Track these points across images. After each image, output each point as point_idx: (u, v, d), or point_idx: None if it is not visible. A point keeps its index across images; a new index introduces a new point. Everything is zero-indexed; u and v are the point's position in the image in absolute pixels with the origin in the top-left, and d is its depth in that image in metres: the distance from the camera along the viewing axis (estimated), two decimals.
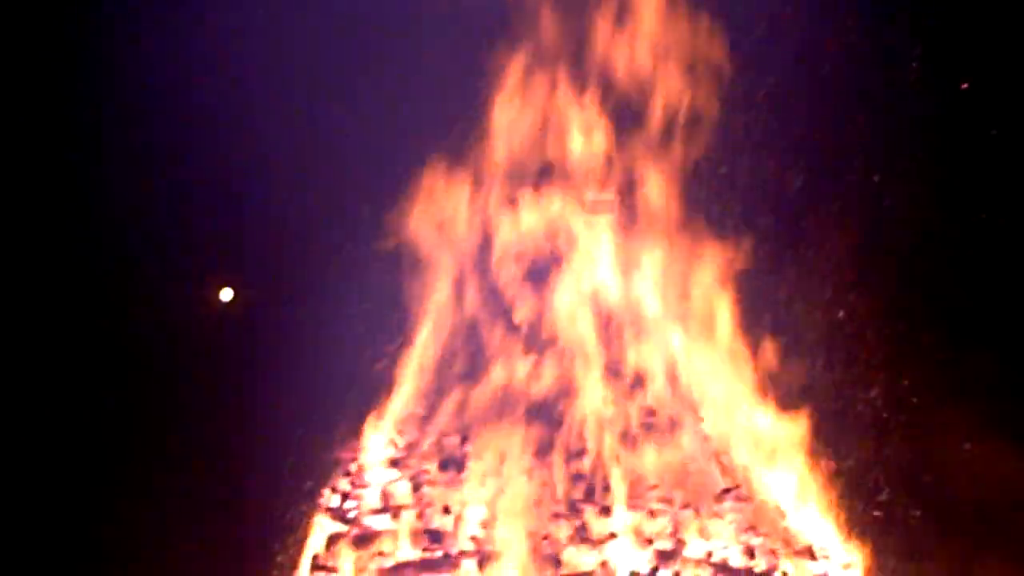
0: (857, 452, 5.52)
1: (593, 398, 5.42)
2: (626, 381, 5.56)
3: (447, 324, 5.55)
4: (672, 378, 5.56)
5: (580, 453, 5.26)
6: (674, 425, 5.36)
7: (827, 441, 5.33)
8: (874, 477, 5.53)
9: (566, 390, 5.44)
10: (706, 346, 5.56)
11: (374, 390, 5.48)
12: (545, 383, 5.41)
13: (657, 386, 5.51)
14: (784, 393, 5.35)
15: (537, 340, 5.57)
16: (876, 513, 5.38)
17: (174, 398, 5.87)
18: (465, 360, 5.50)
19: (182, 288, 6.17)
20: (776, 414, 5.41)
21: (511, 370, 5.40)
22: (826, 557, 5.11)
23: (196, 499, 5.66)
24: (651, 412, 5.41)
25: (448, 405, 5.42)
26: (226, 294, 6.19)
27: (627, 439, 5.30)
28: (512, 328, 5.50)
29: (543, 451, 5.27)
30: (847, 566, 5.13)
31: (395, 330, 5.57)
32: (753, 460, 5.30)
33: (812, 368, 5.66)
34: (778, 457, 5.32)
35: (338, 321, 5.84)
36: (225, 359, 5.88)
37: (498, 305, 5.53)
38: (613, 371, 5.56)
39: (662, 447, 5.25)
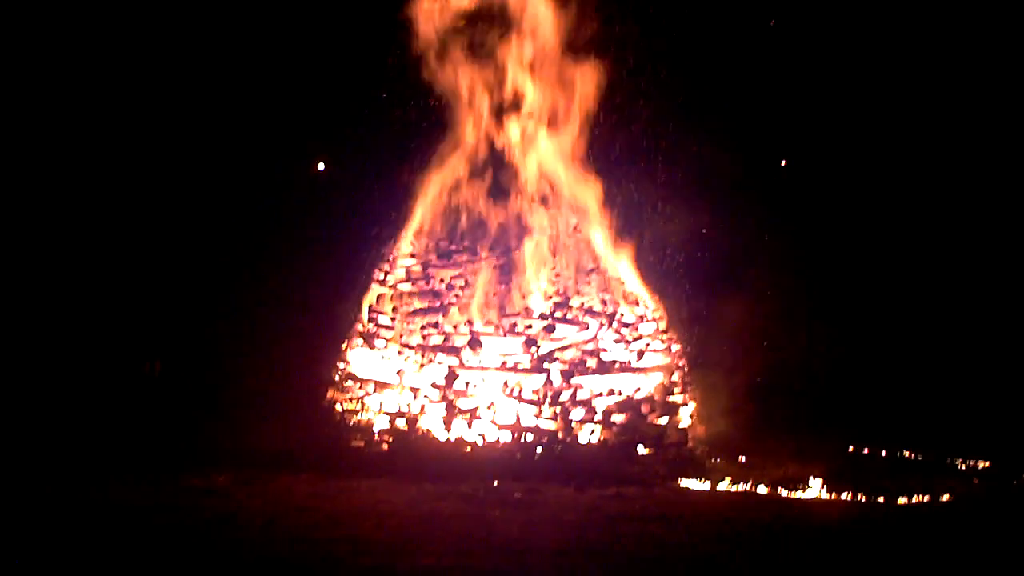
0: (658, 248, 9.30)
1: (526, 218, 9.19)
2: (547, 211, 9.30)
3: (445, 182, 9.19)
4: (569, 213, 9.29)
5: (515, 249, 9.11)
6: (567, 236, 9.21)
7: (642, 244, 9.13)
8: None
9: (511, 215, 9.19)
10: (584, 187, 9.22)
11: (401, 220, 9.23)
12: (501, 214, 9.14)
13: (560, 211, 9.29)
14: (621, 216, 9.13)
15: (501, 191, 9.26)
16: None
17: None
18: (454, 201, 9.20)
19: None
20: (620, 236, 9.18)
21: (483, 208, 9.09)
22: (646, 305, 9.09)
23: (306, 277, 9.54)
24: (552, 224, 9.21)
25: (443, 224, 9.22)
26: (320, 165, 9.88)
27: (541, 243, 9.15)
28: (485, 186, 9.12)
29: (498, 250, 9.11)
30: (655, 310, 9.12)
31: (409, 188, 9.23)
32: (605, 252, 9.16)
33: (637, 209, 9.34)
34: (619, 253, 9.17)
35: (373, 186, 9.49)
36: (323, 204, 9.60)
37: (475, 171, 9.15)
38: (541, 202, 9.28)
39: (557, 244, 9.11)
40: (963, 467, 8.29)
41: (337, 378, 8.85)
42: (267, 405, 9.08)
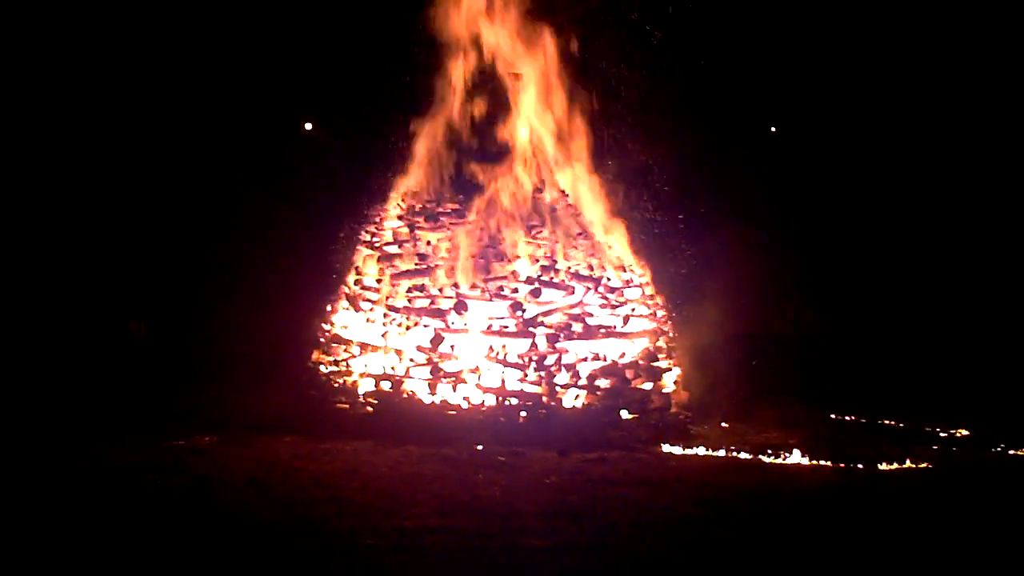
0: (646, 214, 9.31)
1: (509, 182, 9.17)
2: (532, 176, 9.27)
3: (431, 145, 9.13)
4: (558, 183, 9.27)
5: (503, 212, 9.08)
6: (556, 200, 9.20)
7: (631, 215, 9.13)
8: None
9: (500, 179, 9.16)
10: (573, 152, 9.19)
11: (388, 181, 9.19)
12: (489, 177, 9.10)
13: (548, 176, 9.26)
14: (612, 184, 9.12)
15: (488, 155, 9.22)
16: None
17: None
18: (440, 164, 9.16)
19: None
20: (607, 202, 9.17)
21: (470, 171, 9.05)
22: (632, 270, 9.10)
23: (292, 239, 9.54)
24: (540, 188, 9.20)
25: (430, 187, 9.19)
26: (307, 126, 9.83)
27: (528, 205, 9.13)
28: (473, 149, 9.08)
29: (484, 212, 9.08)
30: (641, 275, 9.13)
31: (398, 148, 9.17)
32: (595, 220, 9.15)
33: (624, 188, 9.32)
34: (606, 219, 9.16)
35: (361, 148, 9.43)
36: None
37: (463, 134, 9.09)
38: (530, 165, 9.25)
39: (546, 208, 9.10)
40: (942, 435, 8.36)
41: (322, 340, 8.84)
42: (252, 367, 9.11)
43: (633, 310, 8.78)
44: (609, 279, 8.93)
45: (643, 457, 7.36)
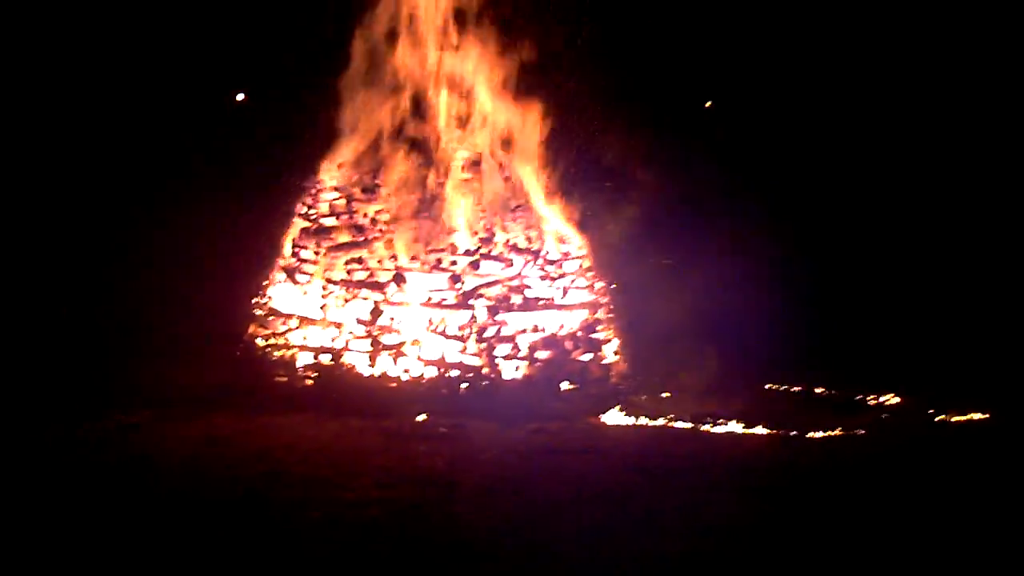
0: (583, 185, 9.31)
1: (451, 154, 9.07)
2: (472, 144, 9.18)
3: (367, 108, 8.98)
4: (494, 143, 9.19)
5: (440, 184, 9.00)
6: (492, 168, 9.13)
7: (569, 187, 9.13)
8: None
9: (437, 151, 9.06)
10: (512, 120, 9.11)
11: (325, 148, 9.04)
12: (425, 147, 8.99)
13: (486, 147, 9.18)
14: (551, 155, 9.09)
15: (424, 116, 9.10)
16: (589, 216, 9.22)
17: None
18: (377, 130, 9.02)
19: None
20: (545, 173, 9.13)
21: (408, 141, 8.93)
22: (568, 241, 9.11)
23: (227, 211, 9.35)
24: (478, 159, 9.12)
25: (366, 157, 9.05)
26: (240, 96, 9.63)
27: (467, 178, 9.05)
28: (411, 120, 8.97)
29: (419, 184, 8.99)
30: (580, 247, 9.14)
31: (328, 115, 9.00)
32: (533, 192, 9.12)
33: (569, 143, 9.29)
34: (544, 190, 9.14)
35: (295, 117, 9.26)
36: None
37: (400, 104, 8.97)
38: (468, 135, 9.15)
39: (484, 180, 9.04)
40: (875, 403, 8.56)
41: (259, 314, 8.72)
42: (187, 343, 8.92)
43: (572, 282, 8.81)
44: (548, 252, 8.93)
45: (583, 427, 7.42)
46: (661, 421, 7.62)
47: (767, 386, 9.18)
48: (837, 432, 7.28)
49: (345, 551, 4.30)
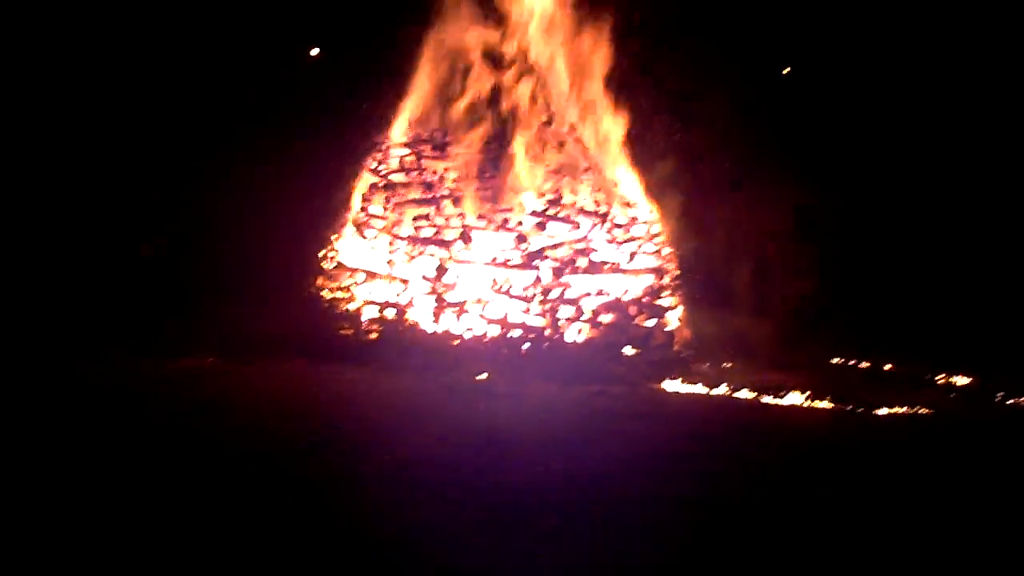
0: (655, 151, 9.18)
1: (522, 116, 9.03)
2: (541, 107, 9.13)
3: (439, 71, 8.99)
4: (567, 106, 9.12)
5: (510, 145, 8.98)
6: (564, 134, 9.08)
7: (639, 147, 9.02)
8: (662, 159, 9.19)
9: (508, 112, 9.02)
10: (585, 83, 9.05)
11: (393, 105, 9.06)
12: (496, 108, 8.96)
13: (558, 109, 9.12)
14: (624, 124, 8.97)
15: (497, 77, 9.05)
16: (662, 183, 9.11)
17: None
18: (450, 89, 9.02)
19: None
20: (617, 137, 9.04)
21: (480, 100, 8.92)
22: (636, 206, 9.03)
23: (299, 164, 9.44)
24: (550, 121, 9.06)
25: (438, 115, 9.06)
26: (314, 51, 9.66)
27: (537, 138, 9.01)
28: (480, 75, 8.94)
29: (490, 144, 8.98)
30: (649, 212, 9.06)
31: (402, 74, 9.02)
32: (602, 155, 9.05)
33: (641, 109, 9.16)
34: (615, 154, 9.06)
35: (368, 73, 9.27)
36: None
37: (472, 62, 8.93)
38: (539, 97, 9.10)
39: (553, 145, 8.99)
40: (942, 382, 8.37)
41: (326, 266, 8.82)
42: (256, 291, 9.06)
43: (639, 247, 8.74)
44: (615, 215, 8.87)
45: (644, 393, 7.39)
46: (723, 390, 7.55)
47: (833, 360, 9.03)
48: (903, 410, 7.14)
49: (402, 503, 4.35)
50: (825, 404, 7.26)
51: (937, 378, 8.46)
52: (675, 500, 4.60)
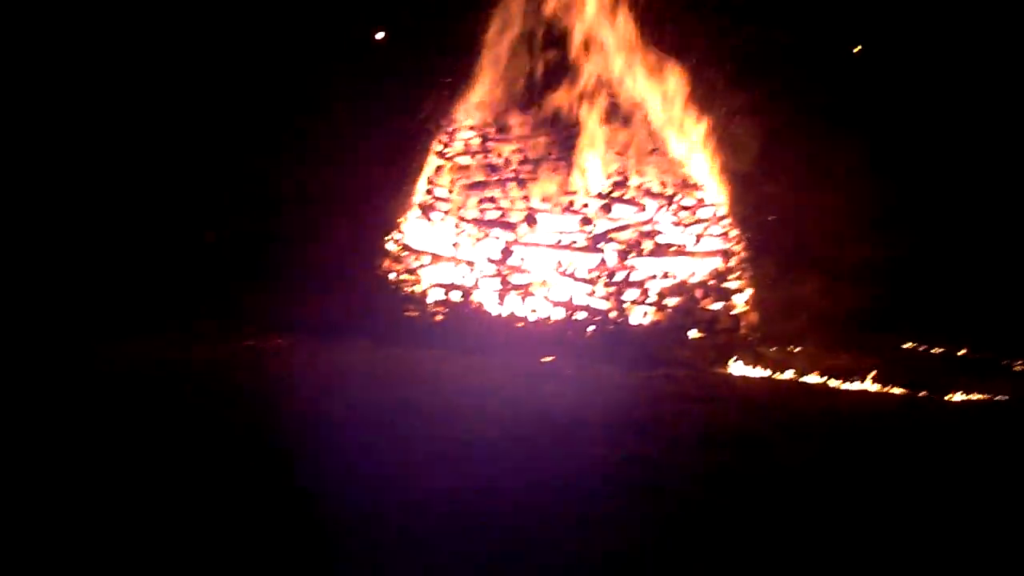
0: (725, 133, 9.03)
1: (587, 96, 8.96)
2: (611, 87, 9.03)
3: (503, 52, 8.96)
4: (633, 86, 9.02)
5: (575, 125, 8.93)
6: (630, 116, 9.00)
7: (708, 127, 8.88)
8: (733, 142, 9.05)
9: (572, 92, 8.96)
10: (652, 61, 8.95)
11: (459, 90, 9.07)
12: (561, 88, 8.91)
13: (624, 94, 9.03)
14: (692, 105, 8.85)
15: (561, 67, 9.00)
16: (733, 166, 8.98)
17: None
18: (514, 70, 8.98)
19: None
20: (685, 117, 8.92)
21: (545, 81, 8.88)
22: (703, 188, 8.93)
23: (364, 147, 9.50)
24: (616, 102, 8.99)
25: (503, 97, 9.05)
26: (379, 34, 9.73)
27: (603, 119, 8.94)
28: (544, 56, 8.89)
29: (555, 125, 8.95)
30: (716, 194, 8.95)
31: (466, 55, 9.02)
32: (669, 135, 8.95)
33: (709, 88, 9.01)
34: (682, 134, 8.95)
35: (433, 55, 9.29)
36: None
37: (538, 43, 8.89)
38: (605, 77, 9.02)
39: (621, 127, 8.92)
40: (1021, 369, 8.14)
41: (392, 249, 8.88)
42: (322, 274, 9.16)
43: (705, 229, 8.65)
44: (682, 197, 8.79)
45: (710, 376, 7.32)
46: (790, 374, 7.44)
47: (905, 344, 8.83)
48: (978, 397, 6.97)
49: (468, 484, 4.38)
50: (897, 390, 7.12)
51: (1014, 364, 8.23)
52: (743, 482, 4.56)
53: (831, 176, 9.51)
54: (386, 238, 8.94)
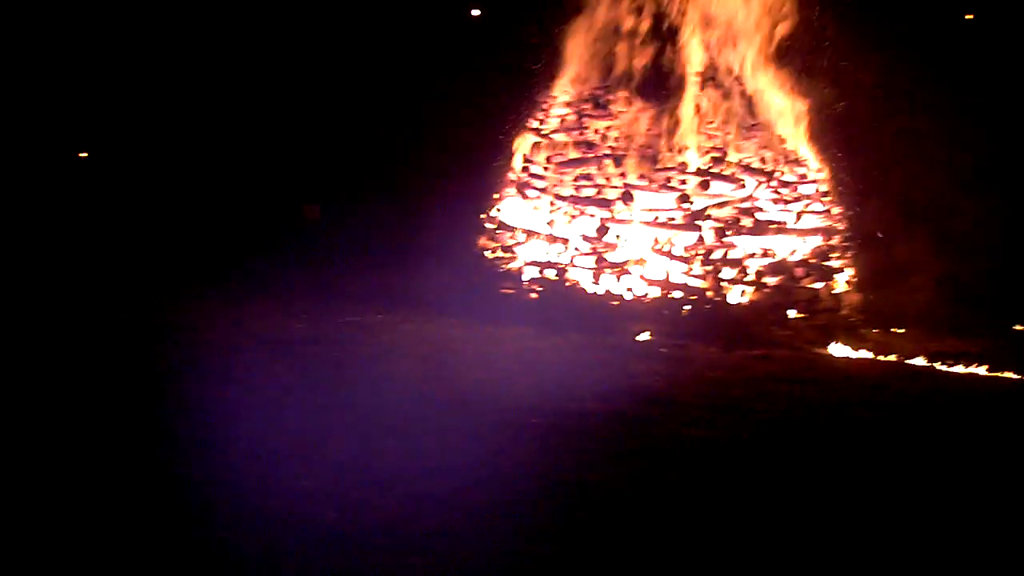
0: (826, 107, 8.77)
1: (685, 71, 8.82)
2: (706, 69, 8.89)
3: (601, 28, 8.86)
4: (734, 60, 8.85)
5: (673, 101, 8.79)
6: (728, 89, 8.83)
7: (809, 102, 8.64)
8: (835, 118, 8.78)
9: (671, 68, 8.83)
10: (749, 35, 8.74)
11: (556, 66, 9.03)
12: (658, 63, 8.79)
13: (724, 64, 8.87)
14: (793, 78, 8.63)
15: (662, 32, 8.85)
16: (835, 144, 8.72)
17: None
18: (607, 49, 8.89)
19: None
20: (786, 90, 8.70)
21: (640, 56, 8.77)
22: (805, 164, 8.72)
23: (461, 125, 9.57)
24: (714, 77, 8.80)
25: (600, 73, 8.97)
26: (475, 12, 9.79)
27: (701, 94, 8.80)
28: (643, 33, 8.76)
29: (652, 101, 8.84)
30: (819, 170, 8.74)
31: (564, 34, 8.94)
32: (769, 110, 8.74)
33: (807, 73, 8.75)
34: (784, 110, 8.73)
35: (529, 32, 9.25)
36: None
37: (633, 17, 8.76)
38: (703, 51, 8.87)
39: (719, 101, 8.77)
40: None
41: (489, 226, 8.93)
42: (420, 250, 9.30)
43: (807, 206, 8.46)
44: (782, 173, 8.61)
45: (810, 357, 7.18)
46: (894, 357, 7.24)
47: (1016, 327, 8.51)
48: None
49: (563, 457, 4.40)
50: (1007, 374, 6.86)
51: None
52: (842, 465, 4.46)
53: (940, 154, 9.21)
54: (483, 216, 8.98)
